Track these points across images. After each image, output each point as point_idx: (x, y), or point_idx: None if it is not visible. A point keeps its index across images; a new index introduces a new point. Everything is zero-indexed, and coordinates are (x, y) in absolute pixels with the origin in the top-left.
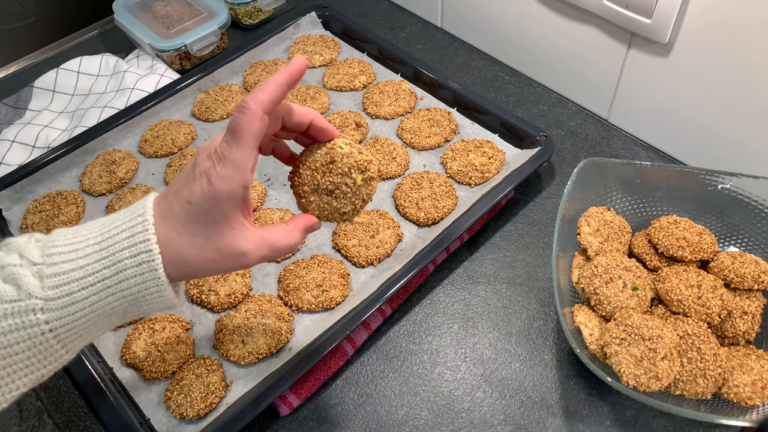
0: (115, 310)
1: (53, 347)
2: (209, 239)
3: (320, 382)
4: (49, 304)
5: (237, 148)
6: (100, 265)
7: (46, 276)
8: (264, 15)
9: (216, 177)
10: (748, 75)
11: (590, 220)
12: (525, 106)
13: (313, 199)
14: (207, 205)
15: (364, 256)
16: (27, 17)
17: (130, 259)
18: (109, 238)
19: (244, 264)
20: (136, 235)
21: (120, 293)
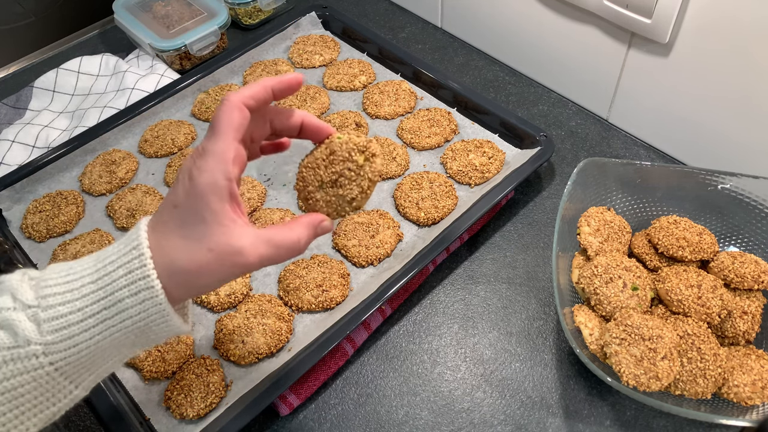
0: (121, 344)
1: (60, 384)
2: (199, 240)
3: (320, 382)
4: (49, 348)
5: (216, 140)
6: (100, 306)
7: (42, 320)
8: (264, 15)
9: (197, 172)
10: (748, 75)
11: (590, 220)
12: (525, 106)
13: (319, 197)
14: (192, 202)
15: (364, 256)
16: (27, 17)
17: (130, 298)
18: (105, 275)
19: (242, 264)
20: (134, 272)
21: (124, 330)
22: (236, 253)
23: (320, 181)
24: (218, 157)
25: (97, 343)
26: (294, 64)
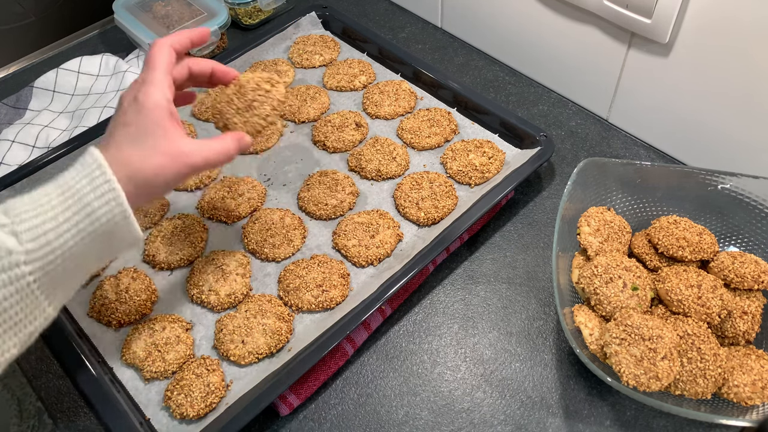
0: (90, 251)
1: (38, 299)
2: (153, 148)
3: (320, 382)
4: (30, 255)
5: (154, 72)
6: (70, 212)
7: (20, 232)
8: (264, 15)
9: (143, 96)
10: (748, 75)
11: (590, 220)
12: (525, 106)
13: (237, 120)
14: (142, 120)
15: (364, 256)
16: (27, 17)
17: (97, 201)
18: (69, 189)
19: (191, 164)
20: (96, 179)
21: (93, 233)
22: (185, 155)
23: (236, 108)
24: (158, 84)
25: (70, 249)
26: (294, 64)
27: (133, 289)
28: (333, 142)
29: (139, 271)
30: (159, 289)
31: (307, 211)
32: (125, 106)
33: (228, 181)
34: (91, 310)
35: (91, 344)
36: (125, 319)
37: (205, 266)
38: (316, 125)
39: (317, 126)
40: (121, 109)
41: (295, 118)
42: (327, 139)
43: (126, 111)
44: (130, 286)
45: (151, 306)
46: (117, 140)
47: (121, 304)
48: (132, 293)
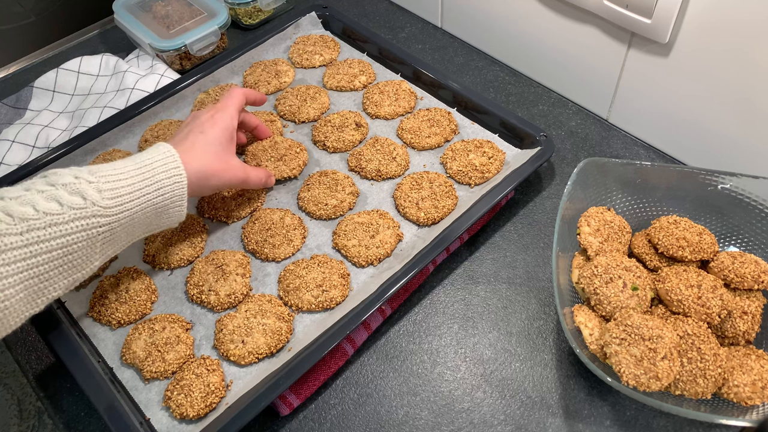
0: (145, 220)
1: (95, 250)
2: (216, 155)
3: (320, 382)
4: (107, 211)
5: (228, 104)
6: (144, 184)
7: (103, 190)
8: (264, 15)
9: (218, 116)
10: (749, 75)
11: (590, 220)
12: (525, 106)
13: (268, 164)
14: (213, 133)
15: (364, 256)
16: (27, 17)
17: (167, 179)
18: (146, 165)
19: (239, 177)
20: (170, 162)
21: (155, 204)
22: (236, 168)
23: (269, 156)
24: (230, 113)
25: (135, 213)
26: (294, 64)
27: (133, 289)
28: (333, 142)
29: (139, 271)
30: (159, 289)
31: (307, 211)
32: (202, 121)
33: None
34: (91, 310)
35: (91, 344)
36: (125, 319)
37: (205, 266)
38: (316, 125)
39: (317, 126)
40: (197, 122)
41: (295, 118)
42: (327, 139)
43: (203, 123)
44: (130, 286)
45: (151, 306)
46: (191, 141)
47: (121, 304)
48: (132, 293)
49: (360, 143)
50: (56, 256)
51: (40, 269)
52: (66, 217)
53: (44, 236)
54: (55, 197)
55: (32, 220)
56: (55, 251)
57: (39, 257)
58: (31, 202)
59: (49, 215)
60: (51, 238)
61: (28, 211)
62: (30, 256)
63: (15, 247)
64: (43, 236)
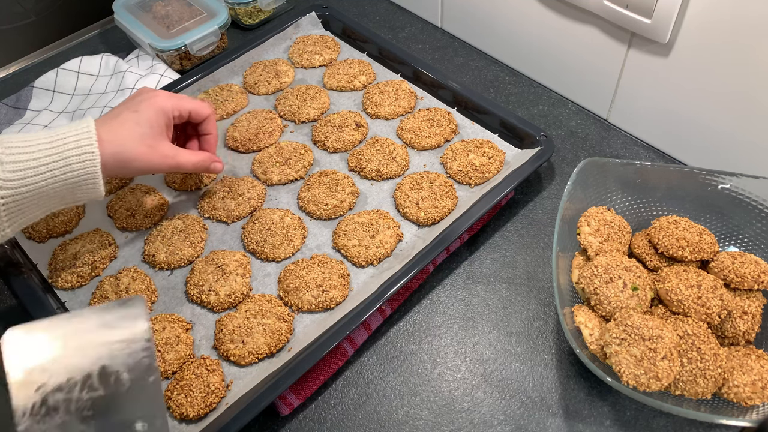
0: (56, 194)
1: (1, 220)
2: (143, 136)
3: (320, 382)
4: (6, 183)
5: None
6: (50, 159)
7: (5, 162)
8: (264, 15)
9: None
10: (749, 75)
11: (590, 220)
12: (525, 106)
13: (273, 170)
14: (146, 113)
15: (364, 256)
16: (27, 17)
17: (76, 156)
18: (58, 140)
19: (170, 164)
20: (82, 140)
21: (64, 181)
22: (164, 154)
23: (275, 161)
24: (173, 100)
25: (40, 188)
26: (294, 64)
27: (133, 289)
28: (333, 142)
29: (139, 271)
30: (159, 289)
31: (307, 211)
32: (140, 99)
33: (228, 181)
34: None
35: None
36: None
37: (205, 266)
38: (316, 125)
39: (317, 126)
40: (136, 99)
41: (295, 118)
42: (327, 139)
43: (140, 103)
44: (130, 286)
45: (151, 306)
46: (122, 119)
47: None
48: (132, 293)
49: (360, 143)
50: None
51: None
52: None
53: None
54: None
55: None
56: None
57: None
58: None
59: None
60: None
61: None
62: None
63: None
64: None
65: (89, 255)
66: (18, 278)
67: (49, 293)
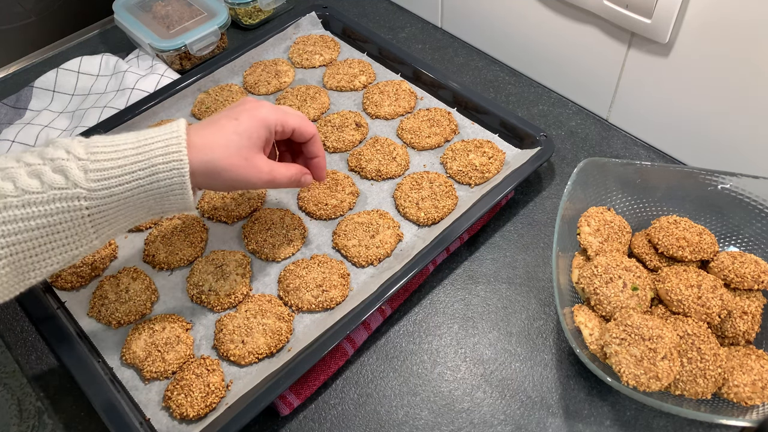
0: (142, 205)
1: (87, 230)
2: (240, 147)
3: (320, 382)
4: (91, 194)
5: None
6: (137, 167)
7: (89, 170)
8: (264, 15)
9: (262, 109)
10: (749, 75)
11: (590, 220)
12: (525, 106)
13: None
14: (247, 122)
15: (364, 256)
16: (27, 17)
17: (163, 165)
18: (145, 146)
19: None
20: (171, 146)
21: (150, 192)
22: (259, 168)
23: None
24: (280, 115)
25: (126, 198)
26: (294, 64)
27: (133, 289)
28: (333, 142)
29: (139, 271)
30: (159, 289)
31: (307, 211)
32: (242, 109)
33: None
34: (91, 310)
35: (91, 344)
36: (125, 319)
37: (205, 266)
38: (316, 125)
39: (317, 126)
40: (239, 108)
41: None
42: (327, 139)
43: (241, 112)
44: (130, 286)
45: (151, 306)
46: (220, 125)
47: (121, 304)
48: (132, 293)
49: (360, 143)
50: (38, 234)
51: (24, 246)
52: (45, 197)
53: (21, 215)
54: (38, 173)
55: (10, 197)
56: (35, 230)
57: (19, 235)
58: (12, 177)
59: (28, 193)
60: (29, 218)
61: (8, 187)
62: (9, 233)
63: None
64: (21, 215)
65: (89, 255)
66: None
67: (48, 293)
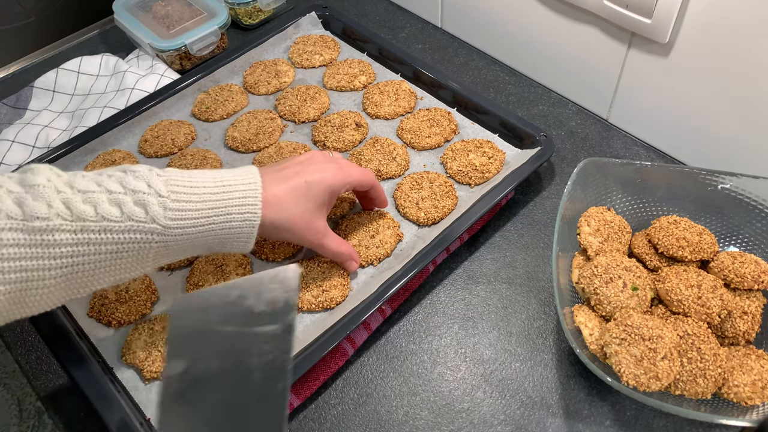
0: (206, 244)
1: (148, 259)
2: (305, 210)
3: (320, 382)
4: (165, 231)
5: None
6: (213, 213)
7: (169, 209)
8: (264, 15)
9: (330, 172)
10: (749, 75)
11: (590, 220)
12: (525, 106)
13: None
14: (316, 186)
15: (364, 256)
16: (27, 17)
17: (238, 215)
18: (224, 192)
19: (318, 242)
20: (248, 198)
21: (218, 236)
22: (318, 233)
23: (276, 162)
24: (346, 177)
25: (196, 238)
26: (294, 64)
27: (133, 289)
28: (333, 142)
29: None
30: (159, 289)
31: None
32: (314, 169)
33: None
34: (91, 310)
35: (91, 344)
36: (125, 319)
37: (205, 266)
38: (316, 125)
39: (317, 126)
40: (312, 167)
41: (295, 118)
42: (327, 139)
43: (314, 172)
44: (130, 286)
45: (151, 306)
46: (292, 185)
47: (121, 304)
48: (132, 293)
49: (360, 143)
50: (104, 258)
51: (86, 267)
52: (122, 227)
53: (96, 240)
54: (119, 203)
55: (89, 221)
56: (104, 254)
57: (87, 257)
58: (93, 202)
59: (106, 221)
60: (102, 243)
61: (88, 211)
62: (78, 254)
63: (65, 244)
64: (95, 239)
65: None
66: None
67: None
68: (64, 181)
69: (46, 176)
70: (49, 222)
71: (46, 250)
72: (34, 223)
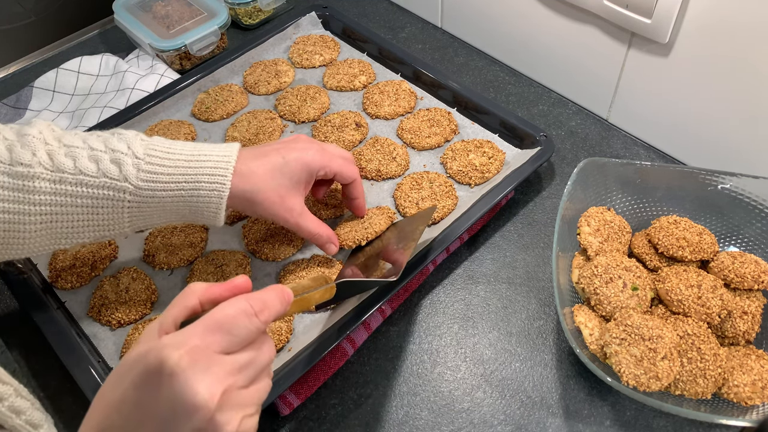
0: (178, 211)
1: (123, 218)
2: (280, 186)
3: (320, 382)
4: (136, 190)
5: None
6: (183, 179)
7: (141, 170)
8: (264, 15)
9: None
10: (748, 75)
11: (590, 220)
12: (525, 106)
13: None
14: (293, 164)
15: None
16: (27, 17)
17: (207, 184)
18: (197, 161)
19: (286, 217)
20: (219, 168)
21: (188, 202)
22: (291, 210)
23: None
24: (324, 158)
25: (165, 202)
26: (294, 64)
27: (133, 289)
28: (333, 142)
29: (139, 271)
30: (159, 289)
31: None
32: (293, 147)
33: None
34: (91, 310)
35: (91, 344)
36: (125, 319)
37: (205, 266)
38: (316, 125)
39: (317, 126)
40: (290, 145)
41: (295, 118)
42: (327, 139)
43: (291, 150)
44: (130, 286)
45: (151, 306)
46: (268, 159)
47: (121, 304)
48: (132, 293)
49: (360, 143)
50: (81, 211)
51: (65, 217)
52: (97, 182)
53: (72, 192)
54: (97, 159)
55: (68, 173)
56: (80, 207)
57: (65, 207)
58: (74, 156)
59: (83, 174)
60: (78, 196)
61: (68, 164)
62: (56, 203)
63: (44, 192)
64: (72, 192)
65: (89, 255)
66: (18, 278)
67: (48, 293)
68: (55, 136)
69: (39, 129)
70: (31, 169)
71: (26, 195)
72: (17, 168)
